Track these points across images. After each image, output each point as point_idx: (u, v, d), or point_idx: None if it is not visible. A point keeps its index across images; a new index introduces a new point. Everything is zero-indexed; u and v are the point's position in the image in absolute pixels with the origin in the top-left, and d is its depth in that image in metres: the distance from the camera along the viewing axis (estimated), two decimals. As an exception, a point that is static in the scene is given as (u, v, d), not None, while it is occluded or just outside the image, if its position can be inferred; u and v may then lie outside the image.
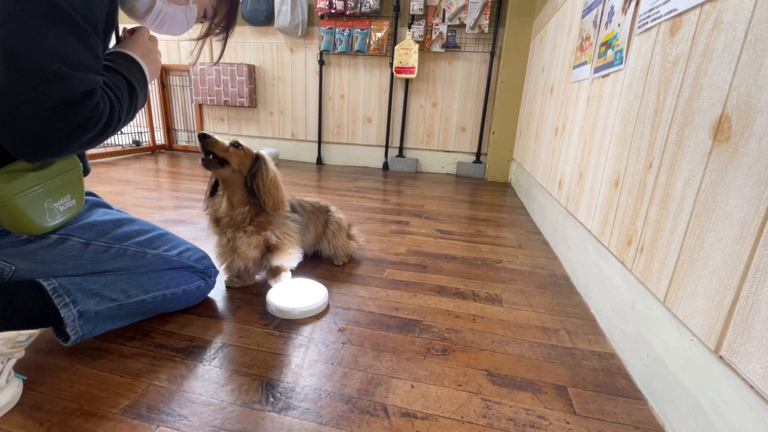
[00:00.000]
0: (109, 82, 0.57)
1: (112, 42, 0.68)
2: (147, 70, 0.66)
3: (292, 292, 0.92)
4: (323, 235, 1.15)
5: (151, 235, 0.79)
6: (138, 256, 0.76)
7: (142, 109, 3.46)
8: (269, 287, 0.99)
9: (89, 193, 0.77)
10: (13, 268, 0.64)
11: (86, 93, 0.51)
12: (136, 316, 0.79)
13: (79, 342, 0.70)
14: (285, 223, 0.94)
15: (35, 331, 0.62)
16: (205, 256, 0.89)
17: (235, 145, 0.89)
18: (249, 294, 0.97)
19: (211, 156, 0.86)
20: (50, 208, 0.62)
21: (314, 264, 1.17)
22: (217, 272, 0.92)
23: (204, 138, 0.84)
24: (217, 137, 0.87)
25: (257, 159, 0.90)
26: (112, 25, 0.61)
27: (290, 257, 0.95)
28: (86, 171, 0.71)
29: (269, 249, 0.94)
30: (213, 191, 0.94)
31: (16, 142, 0.49)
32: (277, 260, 0.94)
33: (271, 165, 0.93)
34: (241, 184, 0.89)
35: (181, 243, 0.85)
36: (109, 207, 0.80)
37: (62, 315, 0.65)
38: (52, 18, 0.48)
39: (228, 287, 0.99)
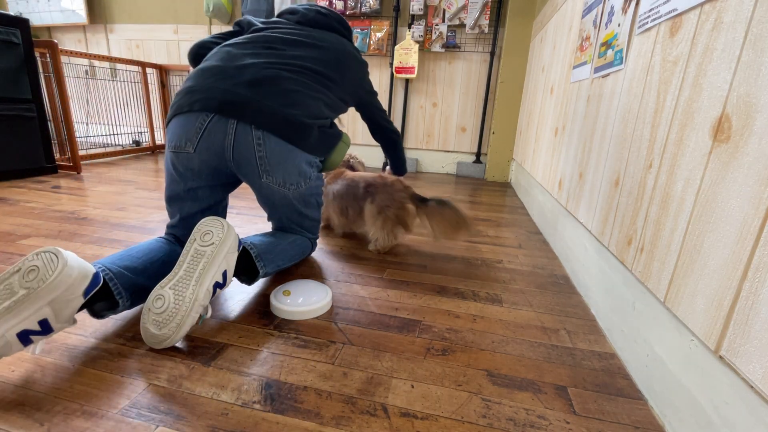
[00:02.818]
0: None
1: None
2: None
3: (297, 293, 0.92)
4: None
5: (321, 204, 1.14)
6: (319, 213, 1.12)
7: (143, 109, 3.45)
8: (270, 287, 0.99)
9: None
10: (310, 182, 1.00)
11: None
12: None
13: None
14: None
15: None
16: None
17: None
18: (249, 294, 0.97)
19: None
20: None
21: (314, 264, 1.17)
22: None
23: None
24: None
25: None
26: None
27: None
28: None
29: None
30: None
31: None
32: None
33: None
34: None
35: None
36: None
37: (259, 272, 0.92)
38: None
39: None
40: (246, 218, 1.59)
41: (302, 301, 0.89)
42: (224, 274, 0.79)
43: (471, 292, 1.05)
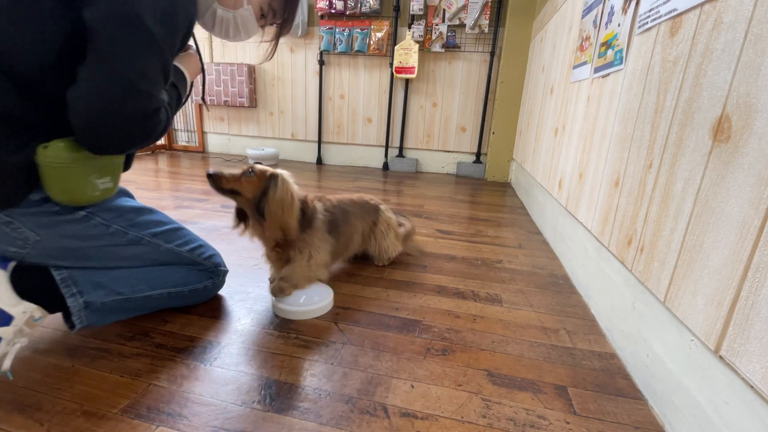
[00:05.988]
0: (168, 98, 0.69)
1: None
2: (189, 78, 0.79)
3: (297, 293, 0.91)
4: (371, 235, 1.15)
5: (167, 228, 0.82)
6: (151, 246, 0.79)
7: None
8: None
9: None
10: (39, 238, 0.67)
11: (156, 110, 0.62)
12: (142, 310, 0.82)
13: (84, 329, 0.74)
14: (310, 244, 0.91)
15: (46, 313, 0.68)
16: (216, 255, 0.89)
17: (248, 172, 0.84)
18: (249, 294, 0.97)
19: (222, 188, 0.84)
20: (93, 183, 0.67)
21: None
22: (227, 272, 0.92)
23: (210, 177, 0.83)
24: (225, 171, 0.84)
25: (269, 179, 0.84)
26: (187, 40, 0.73)
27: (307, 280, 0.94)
28: (128, 165, 0.77)
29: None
30: (239, 213, 0.92)
31: (93, 134, 0.59)
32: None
33: (284, 185, 0.85)
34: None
35: (195, 239, 0.86)
36: (132, 197, 0.85)
37: (69, 304, 0.69)
38: (146, 47, 0.58)
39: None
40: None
41: (303, 301, 0.89)
42: None
43: (471, 292, 1.05)
